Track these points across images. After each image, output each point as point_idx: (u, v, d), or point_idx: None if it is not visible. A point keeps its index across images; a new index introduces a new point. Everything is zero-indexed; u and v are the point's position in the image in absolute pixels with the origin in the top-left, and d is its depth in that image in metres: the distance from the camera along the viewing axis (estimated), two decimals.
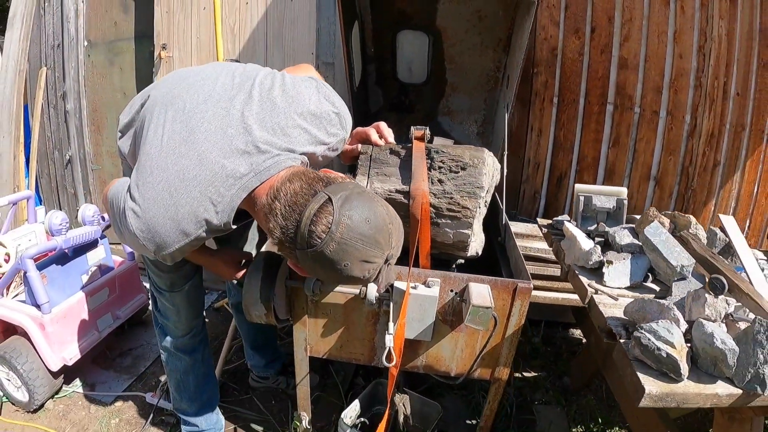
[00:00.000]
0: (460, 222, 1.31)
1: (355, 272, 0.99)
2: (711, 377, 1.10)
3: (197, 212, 1.07)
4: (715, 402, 1.08)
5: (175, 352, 1.72)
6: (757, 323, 1.07)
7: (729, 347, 1.06)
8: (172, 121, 1.12)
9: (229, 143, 1.08)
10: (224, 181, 1.06)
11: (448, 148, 1.35)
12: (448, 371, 1.51)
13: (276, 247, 1.07)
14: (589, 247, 1.47)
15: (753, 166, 2.71)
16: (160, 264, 1.55)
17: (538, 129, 2.65)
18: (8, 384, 2.14)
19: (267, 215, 1.04)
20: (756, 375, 1.06)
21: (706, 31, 2.57)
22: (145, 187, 1.07)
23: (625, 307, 1.23)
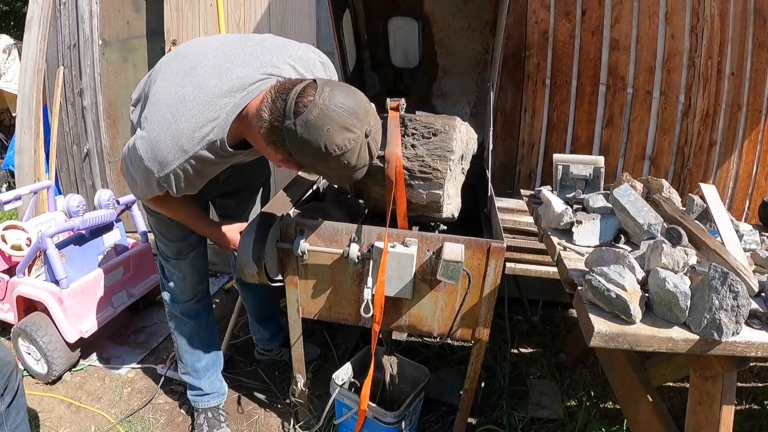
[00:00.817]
0: (432, 183, 1.43)
1: (337, 140, 1.11)
2: (666, 323, 1.16)
3: (195, 128, 1.22)
4: (670, 346, 1.13)
5: (180, 316, 1.88)
6: (712, 269, 1.13)
7: (681, 290, 1.12)
8: (177, 67, 1.31)
9: (227, 73, 1.25)
10: (220, 99, 1.23)
11: (421, 117, 1.48)
12: (430, 331, 1.61)
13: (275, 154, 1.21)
14: (561, 210, 1.58)
15: (751, 146, 2.77)
16: (169, 232, 1.71)
17: (531, 110, 2.75)
18: (28, 357, 2.32)
19: (259, 112, 1.17)
20: (712, 321, 1.11)
21: (698, 11, 2.64)
22: (150, 114, 1.25)
23: (586, 257, 1.33)
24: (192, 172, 1.28)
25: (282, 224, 1.52)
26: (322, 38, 2.85)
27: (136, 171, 1.32)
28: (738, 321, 1.11)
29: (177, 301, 1.86)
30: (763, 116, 2.75)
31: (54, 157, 3.61)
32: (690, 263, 1.29)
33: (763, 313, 1.20)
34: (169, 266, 1.82)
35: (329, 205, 1.76)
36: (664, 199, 1.64)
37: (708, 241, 1.40)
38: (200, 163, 1.28)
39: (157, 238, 1.79)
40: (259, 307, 2.27)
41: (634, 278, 1.20)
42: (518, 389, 2.24)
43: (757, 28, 2.66)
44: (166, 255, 1.80)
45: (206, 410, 2.03)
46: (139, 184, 1.35)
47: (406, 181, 1.44)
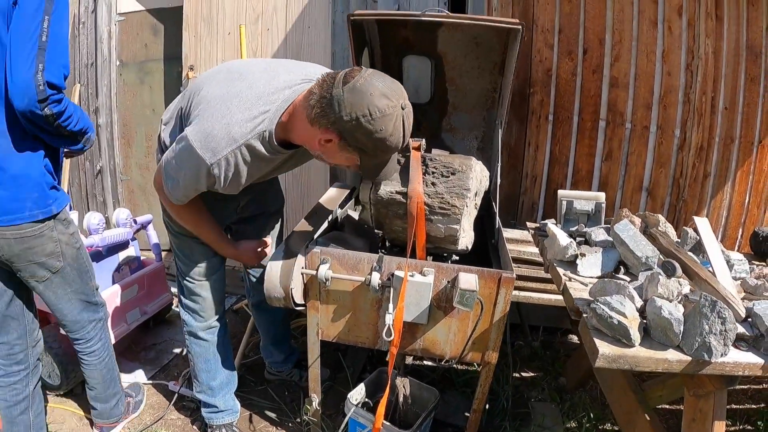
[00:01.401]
0: (450, 218, 1.57)
1: (379, 103, 1.28)
2: (662, 345, 1.32)
3: (248, 119, 1.38)
4: (666, 367, 1.29)
5: (200, 336, 1.99)
6: (702, 298, 1.29)
7: (674, 317, 1.28)
8: (223, 77, 1.50)
9: (274, 77, 1.44)
10: (270, 95, 1.41)
11: (440, 156, 1.63)
12: (443, 354, 1.74)
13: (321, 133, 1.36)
14: (566, 243, 1.72)
15: (743, 176, 2.93)
16: (193, 254, 1.84)
17: (535, 144, 2.91)
18: (42, 369, 2.42)
19: (307, 98, 1.36)
20: (703, 343, 1.27)
21: (693, 50, 2.82)
22: (203, 110, 1.42)
23: (590, 288, 1.47)
24: (240, 162, 1.42)
25: (307, 252, 1.64)
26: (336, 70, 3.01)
27: (182, 166, 1.45)
28: (726, 344, 1.27)
29: (197, 321, 1.98)
30: (755, 148, 2.91)
31: (67, 171, 3.72)
32: (683, 292, 1.45)
33: (750, 336, 1.35)
34: (192, 287, 1.94)
35: (349, 234, 1.90)
36: (660, 233, 1.79)
37: (700, 272, 1.55)
38: (249, 153, 1.41)
39: (180, 259, 1.92)
40: (274, 331, 2.38)
41: (634, 306, 1.35)
42: (520, 411, 2.36)
43: (749, 63, 2.83)
44: (189, 276, 1.92)
45: (220, 427, 2.13)
46: (183, 182, 1.49)
47: (427, 216, 1.58)
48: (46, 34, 1.38)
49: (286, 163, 1.61)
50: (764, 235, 2.09)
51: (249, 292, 2.33)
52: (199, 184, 1.48)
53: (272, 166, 1.56)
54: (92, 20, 3.75)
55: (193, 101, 1.51)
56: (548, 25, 2.81)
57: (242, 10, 3.15)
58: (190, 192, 1.54)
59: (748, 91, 2.86)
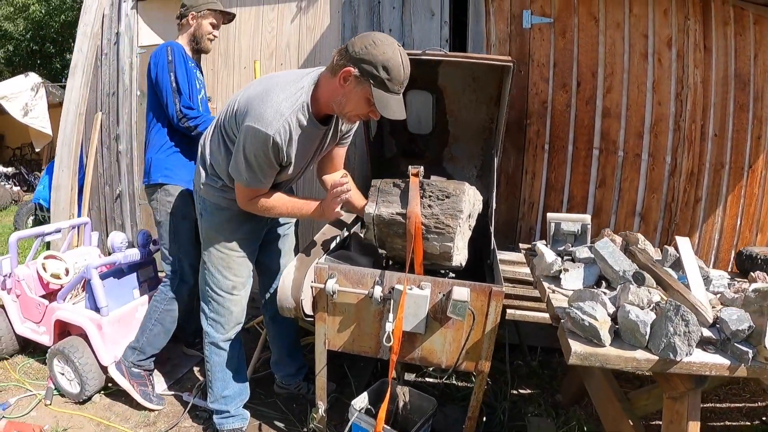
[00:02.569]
0: (444, 236, 1.80)
1: (380, 36, 1.68)
2: (632, 346, 1.51)
3: (289, 96, 1.77)
4: (634, 365, 1.48)
5: (220, 346, 2.22)
6: (668, 303, 1.49)
7: (641, 319, 1.48)
8: (256, 83, 1.92)
9: (297, 71, 1.89)
10: (300, 78, 1.83)
11: (437, 182, 1.87)
12: (439, 363, 1.94)
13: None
14: (551, 259, 1.94)
15: (734, 200, 3.14)
16: (230, 269, 2.13)
17: (531, 172, 3.16)
18: (61, 377, 2.64)
19: (332, 66, 1.74)
20: (668, 344, 1.45)
21: (683, 80, 3.07)
22: (250, 107, 1.79)
23: (569, 297, 1.69)
24: (293, 131, 1.78)
25: (317, 268, 1.87)
26: None
27: (250, 150, 1.79)
28: (690, 344, 1.46)
29: (219, 332, 2.21)
30: (745, 173, 3.12)
31: (87, 195, 4.01)
32: (654, 300, 1.65)
33: (716, 339, 1.55)
34: (221, 300, 2.18)
35: (355, 253, 2.13)
36: (639, 250, 2.00)
37: (673, 284, 1.76)
38: (297, 123, 1.78)
39: (213, 275, 2.16)
40: (289, 341, 2.60)
41: (605, 311, 1.56)
42: (517, 425, 2.54)
43: (738, 91, 3.07)
44: (221, 290, 2.16)
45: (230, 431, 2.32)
46: (257, 165, 1.81)
47: (423, 235, 1.81)
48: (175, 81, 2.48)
49: (322, 143, 1.98)
50: (747, 255, 2.30)
51: (265, 306, 2.55)
52: (269, 159, 1.80)
53: (313, 142, 1.91)
54: (114, 52, 4.08)
55: (236, 108, 1.88)
56: (544, 59, 3.09)
57: (257, 46, 3.46)
58: (267, 172, 1.85)
59: (737, 118, 3.09)
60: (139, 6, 4.03)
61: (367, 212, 1.88)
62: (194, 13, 2.61)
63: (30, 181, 10.83)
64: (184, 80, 2.50)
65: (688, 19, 3.06)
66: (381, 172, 2.71)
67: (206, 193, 2.10)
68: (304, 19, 3.37)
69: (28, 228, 6.04)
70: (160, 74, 2.50)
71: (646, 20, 3.07)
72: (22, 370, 2.95)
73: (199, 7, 2.61)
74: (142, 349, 2.59)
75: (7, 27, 13.66)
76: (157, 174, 2.58)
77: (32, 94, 8.35)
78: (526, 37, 3.08)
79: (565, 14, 3.07)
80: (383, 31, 3.13)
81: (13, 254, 2.97)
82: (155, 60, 2.52)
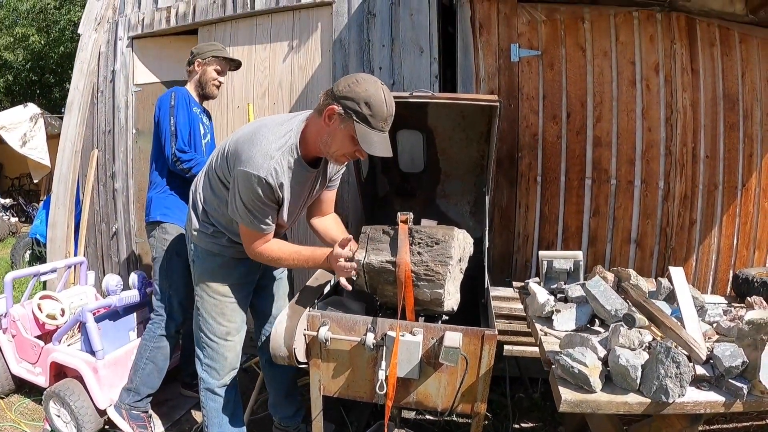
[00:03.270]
0: (434, 284, 1.83)
1: (362, 75, 1.77)
2: (623, 390, 1.52)
3: (277, 138, 1.84)
4: (627, 409, 1.49)
5: (216, 392, 2.23)
6: (658, 345, 1.51)
7: (631, 364, 1.50)
8: (246, 126, 2.03)
9: (286, 114, 1.97)
10: (288, 120, 1.91)
11: (425, 228, 1.90)
12: (435, 406, 1.95)
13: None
14: (543, 300, 1.96)
15: (729, 220, 3.17)
16: (223, 315, 2.15)
17: (525, 205, 3.19)
18: (57, 419, 2.66)
19: (319, 107, 1.82)
20: (660, 386, 1.47)
21: (672, 104, 3.12)
22: (240, 151, 1.85)
23: (560, 341, 1.71)
24: (281, 173, 1.83)
25: (309, 316, 1.90)
26: None
27: (245, 194, 1.83)
28: (682, 385, 1.48)
29: (214, 378, 2.23)
30: (739, 192, 3.16)
31: (84, 232, 4.05)
32: (645, 341, 1.66)
33: (710, 377, 1.56)
34: (216, 347, 2.20)
35: (347, 299, 2.15)
36: (631, 286, 2.02)
37: (666, 321, 1.77)
38: (285, 164, 1.84)
39: (207, 321, 2.18)
40: (287, 384, 2.60)
41: (595, 356, 1.58)
42: None
43: (727, 111, 3.12)
44: (215, 337, 2.19)
45: None
46: (255, 208, 1.85)
47: (414, 282, 1.83)
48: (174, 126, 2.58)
49: (312, 187, 2.04)
50: (743, 278, 2.32)
51: (261, 349, 2.56)
52: (265, 200, 1.85)
53: (303, 186, 1.96)
54: (110, 90, 4.16)
55: (226, 152, 1.95)
56: (533, 92, 3.14)
57: (250, 86, 3.53)
58: (266, 212, 1.89)
59: (728, 138, 3.14)
60: (134, 44, 4.11)
61: (357, 259, 1.91)
62: (200, 60, 2.73)
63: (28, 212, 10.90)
64: (183, 125, 2.60)
65: (674, 44, 3.12)
66: (374, 211, 2.75)
67: (198, 240, 2.15)
68: (295, 58, 3.44)
69: (24, 262, 6.09)
70: (162, 118, 2.62)
71: (632, 47, 3.14)
72: (18, 410, 2.97)
73: (204, 54, 2.73)
74: (136, 389, 2.61)
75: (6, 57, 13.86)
76: (156, 212, 2.67)
77: (31, 125, 8.45)
78: (515, 70, 3.13)
79: (552, 46, 3.13)
80: (373, 69, 3.22)
81: (8, 294, 3.01)
82: (159, 104, 2.66)
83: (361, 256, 1.91)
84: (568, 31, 3.12)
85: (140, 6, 4.07)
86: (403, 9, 3.26)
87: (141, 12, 4.04)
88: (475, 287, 2.44)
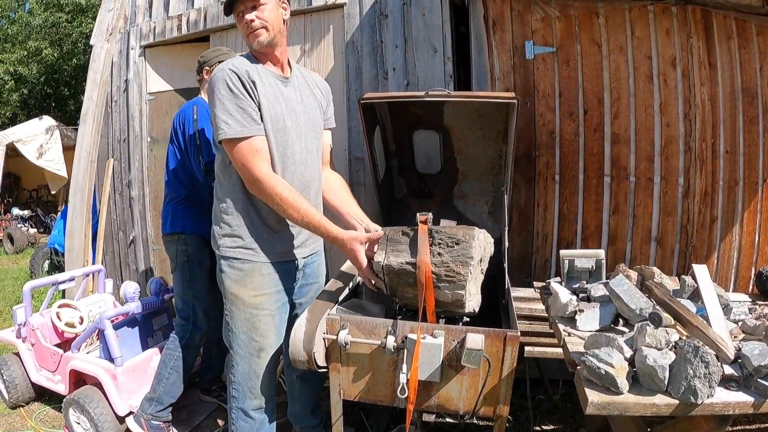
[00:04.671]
0: (456, 284, 1.80)
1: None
2: (651, 391, 1.48)
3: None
4: (654, 411, 1.45)
5: (248, 414, 2.12)
6: (686, 345, 1.47)
7: (659, 364, 1.46)
8: None
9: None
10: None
11: (445, 229, 1.87)
12: (457, 409, 1.92)
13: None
14: (566, 300, 1.92)
15: (751, 216, 3.09)
16: (260, 326, 2.05)
17: (543, 204, 3.15)
18: (77, 427, 2.67)
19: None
20: (688, 387, 1.43)
21: (690, 99, 3.05)
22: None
23: (585, 342, 1.67)
24: (240, 65, 1.88)
25: (328, 319, 1.88)
26: (353, 145, 3.33)
27: (219, 96, 1.85)
28: (711, 385, 1.43)
29: (248, 398, 2.10)
30: (760, 187, 3.08)
31: (101, 241, 4.09)
32: (672, 340, 1.62)
33: (739, 376, 1.52)
34: (245, 364, 2.07)
35: (366, 302, 2.13)
36: (656, 285, 1.97)
37: (692, 319, 1.73)
38: (244, 62, 1.90)
39: (236, 335, 2.05)
40: (314, 401, 2.53)
41: (622, 357, 1.53)
42: None
43: (746, 105, 3.04)
44: (246, 353, 2.05)
45: None
46: (229, 103, 1.84)
47: (434, 283, 1.81)
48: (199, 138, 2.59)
49: (299, 102, 2.05)
50: (767, 275, 2.25)
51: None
52: (237, 92, 1.84)
53: (280, 94, 1.98)
54: (124, 99, 4.19)
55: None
56: (549, 90, 3.10)
57: None
58: (245, 108, 1.86)
59: (748, 133, 3.06)
60: (146, 53, 4.14)
61: (376, 261, 1.89)
62: (207, 68, 2.73)
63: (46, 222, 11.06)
64: (209, 138, 2.59)
65: (691, 37, 3.06)
66: (391, 213, 2.72)
67: (223, 249, 2.03)
68: (308, 62, 3.43)
69: (44, 272, 6.16)
70: (185, 131, 2.63)
71: (648, 41, 3.08)
72: (38, 417, 2.99)
73: (210, 61, 2.73)
74: (159, 399, 2.60)
75: (21, 71, 14.10)
76: (175, 223, 2.68)
77: (47, 137, 8.60)
78: (530, 68, 3.10)
79: (567, 42, 3.09)
80: (387, 71, 3.21)
81: (27, 303, 3.04)
82: (180, 118, 2.67)
83: (380, 257, 1.89)
84: (583, 27, 3.08)
85: (151, 15, 4.10)
86: (414, 9, 3.25)
87: (152, 21, 4.07)
88: (494, 288, 2.41)
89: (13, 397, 3.03)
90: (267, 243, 2.03)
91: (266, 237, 2.03)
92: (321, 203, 2.22)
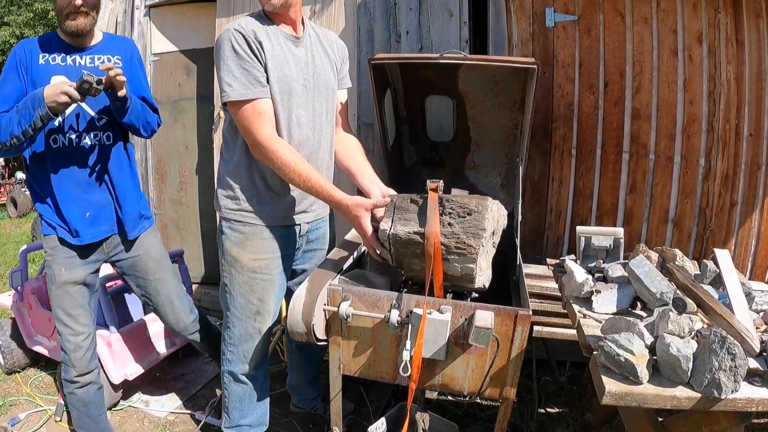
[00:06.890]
0: (466, 258, 1.66)
1: None
2: (672, 383, 1.36)
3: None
4: (675, 404, 1.34)
5: (239, 378, 2.09)
6: (712, 334, 1.34)
7: (683, 354, 1.33)
8: None
9: None
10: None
11: (457, 197, 1.73)
12: (461, 390, 1.81)
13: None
14: (582, 280, 1.79)
15: None
16: (253, 292, 1.99)
17: (558, 179, 3.00)
18: None
19: None
20: (712, 380, 1.31)
21: (715, 77, 2.87)
22: None
23: (602, 325, 1.54)
24: (246, 25, 1.77)
25: (329, 290, 1.76)
26: (362, 109, 3.17)
27: (224, 58, 1.76)
28: (736, 380, 1.31)
29: (241, 362, 2.07)
30: None
31: None
32: (695, 329, 1.49)
33: (764, 371, 1.39)
34: (240, 326, 2.03)
35: (370, 273, 2.01)
36: (677, 268, 1.84)
37: (715, 307, 1.60)
38: (252, 22, 1.80)
39: (233, 298, 2.01)
40: (312, 374, 2.49)
41: (642, 344, 1.41)
42: None
43: None
44: (242, 315, 2.02)
45: None
46: (234, 65, 1.75)
47: (443, 255, 1.68)
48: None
49: (310, 61, 1.93)
50: None
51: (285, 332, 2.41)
52: (243, 54, 1.75)
53: (288, 53, 1.86)
54: None
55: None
56: (569, 59, 2.92)
57: None
58: (251, 69, 1.76)
59: None
60: (151, 13, 3.96)
61: (382, 230, 1.76)
62: None
63: None
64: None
65: (719, 13, 2.86)
66: (400, 182, 2.58)
67: (225, 211, 1.99)
68: (318, 23, 3.25)
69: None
70: None
71: (674, 15, 2.88)
72: (33, 384, 2.92)
73: None
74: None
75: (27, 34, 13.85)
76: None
77: None
78: (550, 36, 2.91)
79: (589, 11, 2.90)
80: (400, 34, 3.05)
81: (23, 267, 2.93)
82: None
83: (386, 226, 1.75)
84: None
85: None
86: None
87: None
88: (504, 264, 2.28)
89: (8, 362, 2.95)
90: (269, 206, 1.97)
91: (269, 201, 1.96)
92: (332, 167, 2.13)
